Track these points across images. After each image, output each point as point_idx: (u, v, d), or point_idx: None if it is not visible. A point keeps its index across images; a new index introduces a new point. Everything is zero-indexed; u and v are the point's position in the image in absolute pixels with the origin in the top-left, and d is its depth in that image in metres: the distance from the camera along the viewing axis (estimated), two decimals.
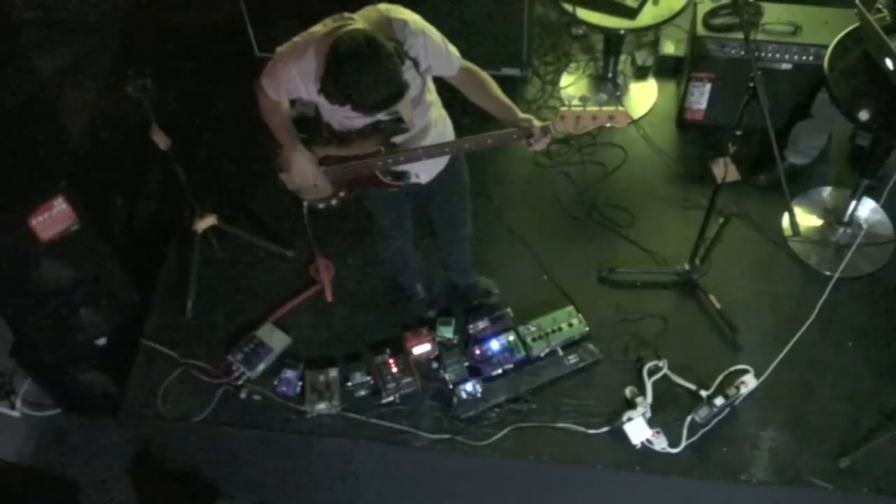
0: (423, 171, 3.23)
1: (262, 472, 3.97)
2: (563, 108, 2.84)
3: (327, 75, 2.63)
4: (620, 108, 2.83)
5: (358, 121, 2.98)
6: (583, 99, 2.85)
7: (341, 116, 3.00)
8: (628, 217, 4.24)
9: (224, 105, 4.70)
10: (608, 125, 2.87)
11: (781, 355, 3.64)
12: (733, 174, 3.41)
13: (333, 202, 3.30)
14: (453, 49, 2.94)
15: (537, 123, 2.89)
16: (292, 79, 2.82)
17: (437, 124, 3.16)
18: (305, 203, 3.36)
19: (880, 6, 3.54)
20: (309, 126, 3.14)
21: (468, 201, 3.54)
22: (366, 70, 2.58)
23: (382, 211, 3.49)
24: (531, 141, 2.91)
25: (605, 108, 2.83)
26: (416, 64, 2.81)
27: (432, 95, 3.09)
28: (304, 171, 3.12)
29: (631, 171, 4.42)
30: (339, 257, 4.15)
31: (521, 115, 2.93)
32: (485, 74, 3.02)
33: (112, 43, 4.47)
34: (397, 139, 3.04)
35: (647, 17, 4.11)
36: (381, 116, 2.93)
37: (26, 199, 3.45)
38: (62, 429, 4.13)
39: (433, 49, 2.85)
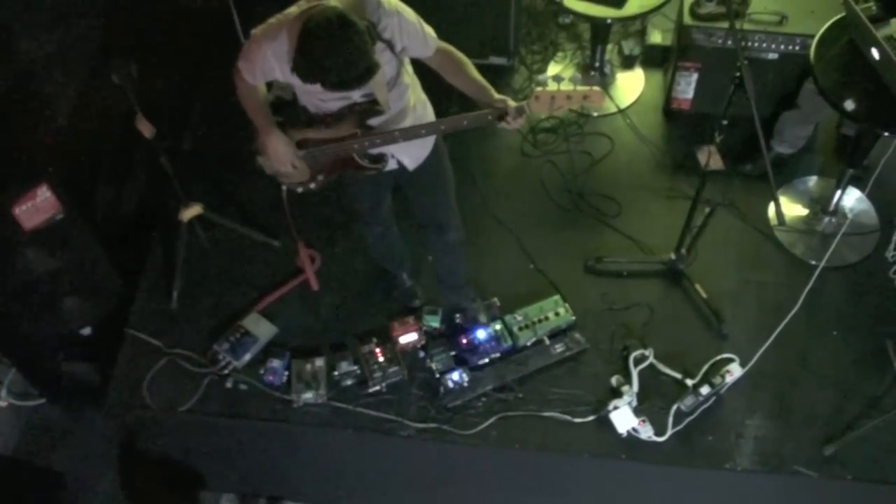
0: (407, 157, 3.22)
1: (248, 461, 3.97)
2: (538, 89, 2.84)
3: (298, 52, 2.63)
4: (595, 87, 2.83)
5: (333, 103, 2.98)
6: (556, 78, 2.84)
7: (316, 99, 2.99)
8: (615, 206, 4.25)
9: (210, 93, 4.68)
10: (585, 106, 2.87)
11: (767, 344, 3.66)
12: (717, 162, 3.42)
13: (312, 186, 3.30)
14: (429, 30, 2.93)
15: (512, 104, 2.87)
16: (266, 60, 2.82)
17: (416, 108, 3.16)
18: (284, 187, 3.36)
19: None
20: (286, 109, 3.14)
21: (453, 201, 3.50)
22: (334, 46, 2.57)
23: (361, 196, 3.48)
24: (508, 120, 2.89)
25: (579, 88, 2.82)
26: (390, 46, 2.81)
27: (409, 78, 3.08)
28: (280, 154, 3.12)
29: (618, 161, 4.42)
30: (325, 246, 4.15)
31: (497, 96, 2.92)
32: (461, 55, 3.01)
33: (96, 30, 4.43)
34: (373, 121, 3.04)
35: (633, 6, 4.11)
36: (357, 98, 2.93)
37: (10, 188, 3.43)
38: (47, 419, 4.11)
39: (408, 29, 2.84)
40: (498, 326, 3.81)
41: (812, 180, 4.29)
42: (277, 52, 2.78)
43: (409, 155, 3.22)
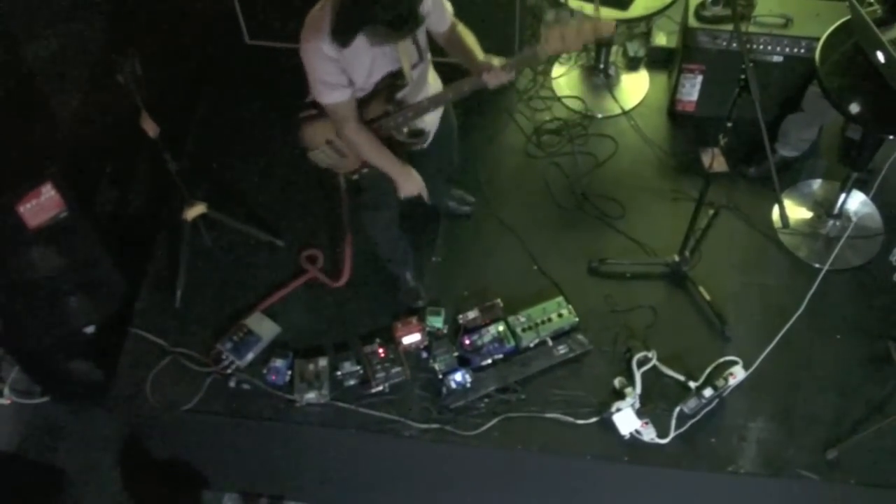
0: (430, 126, 3.33)
1: (250, 460, 3.97)
2: (544, 31, 2.85)
3: None
4: (602, 18, 2.82)
5: (363, 77, 3.02)
6: (560, 17, 2.84)
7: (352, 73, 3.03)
8: (619, 208, 4.24)
9: (214, 92, 4.68)
10: (599, 37, 2.84)
11: (770, 347, 3.65)
12: (721, 164, 3.42)
13: (365, 170, 3.35)
14: (448, 3, 3.07)
15: (496, 62, 2.98)
16: (326, 46, 2.82)
17: (431, 74, 3.27)
18: (341, 177, 3.44)
19: None
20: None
21: (457, 144, 3.72)
22: None
23: (375, 182, 3.41)
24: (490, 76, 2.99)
25: (587, 23, 2.79)
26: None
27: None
28: (418, 181, 3.27)
29: (622, 163, 4.42)
30: (328, 246, 4.14)
31: (482, 58, 3.05)
32: (471, 34, 3.14)
33: (101, 29, 4.45)
34: (400, 95, 3.09)
35: (639, 7, 4.11)
36: (384, 69, 2.97)
37: (14, 186, 3.43)
38: (50, 417, 4.12)
39: None
40: (501, 327, 3.81)
41: (816, 183, 4.28)
42: (326, 36, 2.80)
43: (432, 124, 3.33)
